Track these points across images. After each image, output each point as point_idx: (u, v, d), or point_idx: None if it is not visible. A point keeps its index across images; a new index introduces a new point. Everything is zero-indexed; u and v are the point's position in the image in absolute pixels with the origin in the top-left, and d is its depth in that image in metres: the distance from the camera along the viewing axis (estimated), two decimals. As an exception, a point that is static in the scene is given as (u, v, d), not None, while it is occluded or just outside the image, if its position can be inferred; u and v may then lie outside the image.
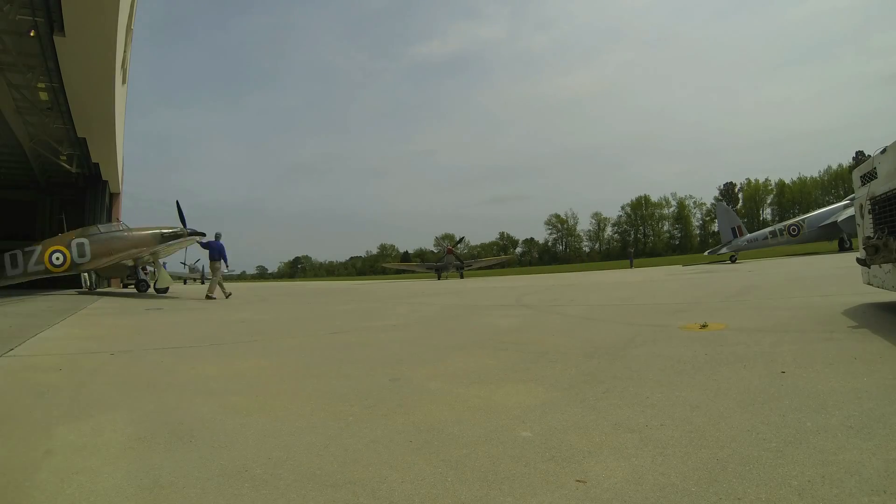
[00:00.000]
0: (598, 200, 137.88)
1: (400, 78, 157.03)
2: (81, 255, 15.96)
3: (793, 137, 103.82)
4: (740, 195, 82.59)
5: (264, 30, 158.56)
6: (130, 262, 16.70)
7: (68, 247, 15.85)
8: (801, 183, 77.13)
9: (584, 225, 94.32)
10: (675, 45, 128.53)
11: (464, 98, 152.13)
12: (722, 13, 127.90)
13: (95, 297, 15.61)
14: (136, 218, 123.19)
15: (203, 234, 17.11)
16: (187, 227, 17.19)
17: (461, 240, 61.46)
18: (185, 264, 51.20)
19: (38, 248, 15.52)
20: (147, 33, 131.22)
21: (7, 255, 15.02)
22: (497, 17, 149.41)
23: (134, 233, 17.12)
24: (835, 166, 73.43)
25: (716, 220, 40.22)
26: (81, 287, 20.43)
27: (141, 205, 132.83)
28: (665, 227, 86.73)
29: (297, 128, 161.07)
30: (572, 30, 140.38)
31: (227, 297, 13.33)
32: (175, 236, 16.95)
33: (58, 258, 15.64)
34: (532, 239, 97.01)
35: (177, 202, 17.60)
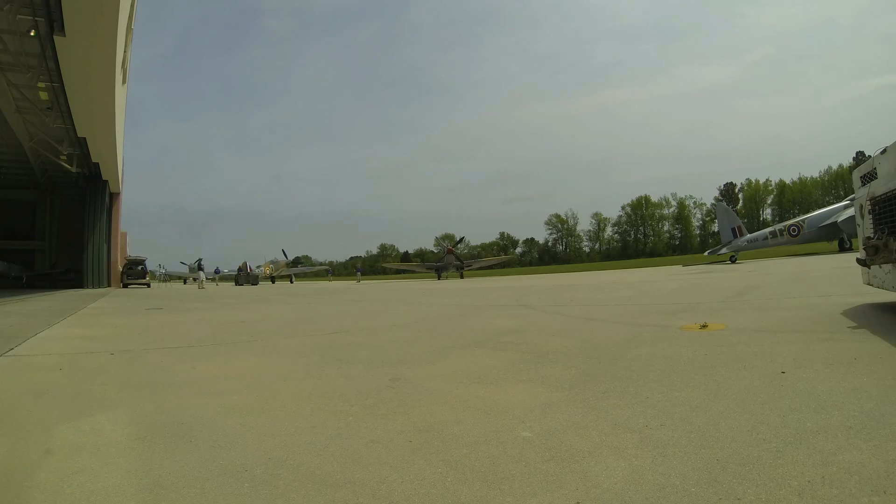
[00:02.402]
0: (598, 200, 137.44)
1: (399, 95, 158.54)
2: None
3: (792, 139, 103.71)
4: (740, 195, 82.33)
5: (264, 58, 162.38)
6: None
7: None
8: (802, 183, 76.92)
9: (585, 225, 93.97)
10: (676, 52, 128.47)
11: (465, 108, 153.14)
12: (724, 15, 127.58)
13: (95, 296, 15.67)
14: (139, 219, 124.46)
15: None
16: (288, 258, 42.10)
17: (461, 240, 61.69)
18: (185, 264, 51.43)
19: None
20: (160, 62, 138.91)
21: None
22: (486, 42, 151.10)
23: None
24: (835, 167, 73.39)
25: (716, 221, 40.23)
26: (83, 288, 21.36)
27: (148, 209, 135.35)
28: (665, 228, 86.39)
29: (297, 138, 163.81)
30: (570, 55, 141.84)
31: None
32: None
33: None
34: (532, 239, 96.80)
35: (283, 250, 32.03)
